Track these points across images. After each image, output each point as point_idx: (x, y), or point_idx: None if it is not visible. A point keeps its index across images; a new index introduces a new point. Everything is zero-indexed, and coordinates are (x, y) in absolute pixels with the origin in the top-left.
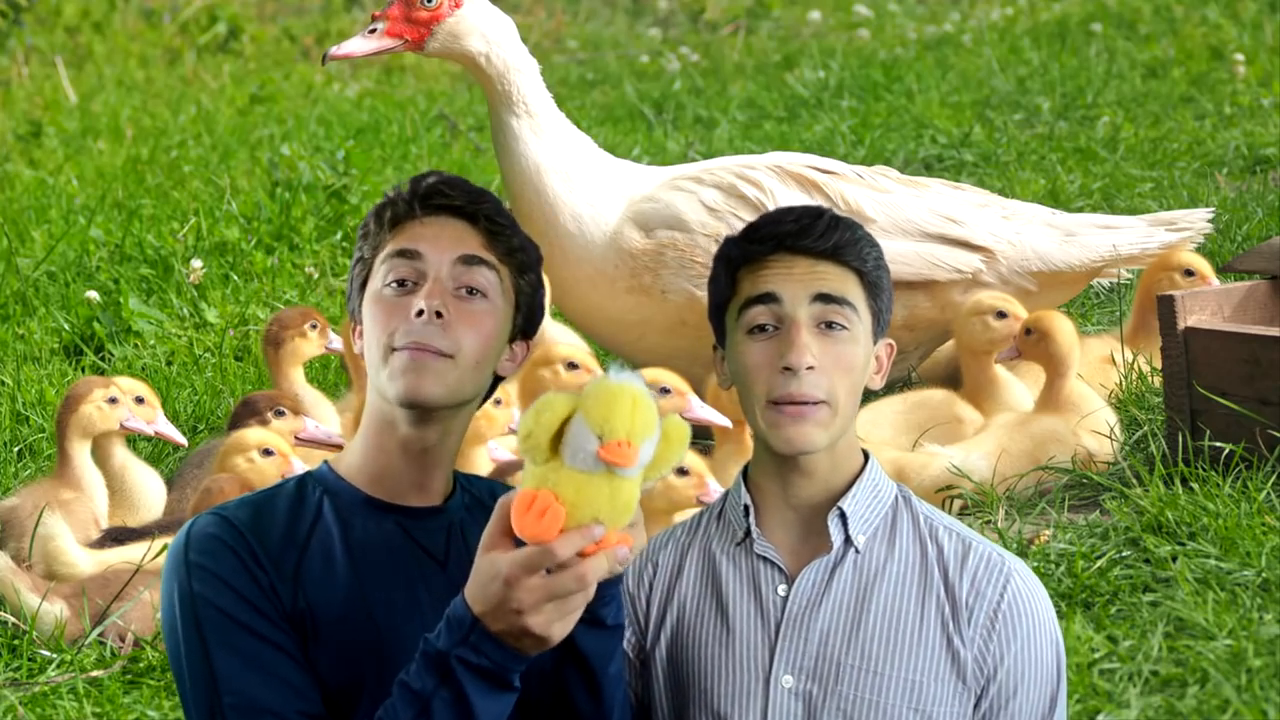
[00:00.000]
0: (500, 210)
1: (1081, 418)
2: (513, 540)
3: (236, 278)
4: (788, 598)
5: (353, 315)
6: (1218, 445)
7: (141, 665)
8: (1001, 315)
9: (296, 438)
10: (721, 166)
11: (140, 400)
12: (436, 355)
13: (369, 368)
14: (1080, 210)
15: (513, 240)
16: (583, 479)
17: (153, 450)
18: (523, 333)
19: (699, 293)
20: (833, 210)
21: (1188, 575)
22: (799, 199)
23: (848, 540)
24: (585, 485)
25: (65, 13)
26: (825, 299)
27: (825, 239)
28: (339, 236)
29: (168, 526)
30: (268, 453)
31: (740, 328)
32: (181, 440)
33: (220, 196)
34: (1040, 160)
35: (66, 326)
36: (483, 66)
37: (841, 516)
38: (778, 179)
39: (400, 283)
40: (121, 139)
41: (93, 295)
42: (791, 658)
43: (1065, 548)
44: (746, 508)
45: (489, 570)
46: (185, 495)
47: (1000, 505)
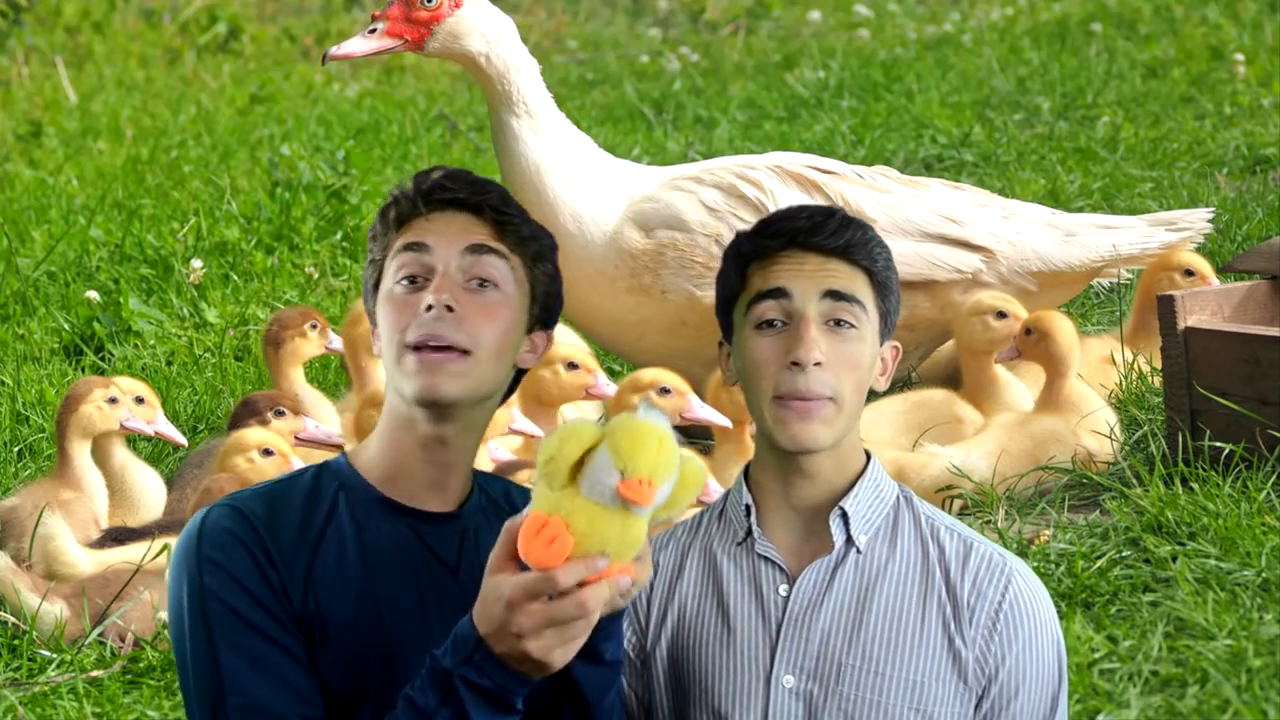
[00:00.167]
0: (506, 200)
1: (1081, 418)
2: (519, 563)
3: (236, 278)
4: (789, 598)
5: (370, 318)
6: (1218, 445)
7: (141, 665)
8: (1001, 315)
9: (296, 438)
10: (721, 166)
11: (140, 400)
12: (452, 352)
13: (385, 367)
14: (1080, 210)
15: (522, 229)
16: (596, 511)
17: (153, 450)
18: (541, 323)
19: (699, 293)
20: (845, 210)
21: (1188, 575)
22: (799, 199)
23: (849, 540)
24: (598, 517)
25: (65, 13)
26: (835, 296)
27: (837, 236)
28: (339, 236)
29: (168, 526)
30: (268, 453)
31: (749, 322)
32: (181, 440)
33: (220, 196)
34: (1040, 160)
35: (66, 326)
36: (483, 66)
37: (843, 516)
38: (778, 179)
39: (410, 279)
40: (121, 139)
41: (93, 295)
42: (792, 658)
43: (1065, 548)
44: (748, 507)
45: (493, 592)
46: (185, 495)
47: (1000, 505)
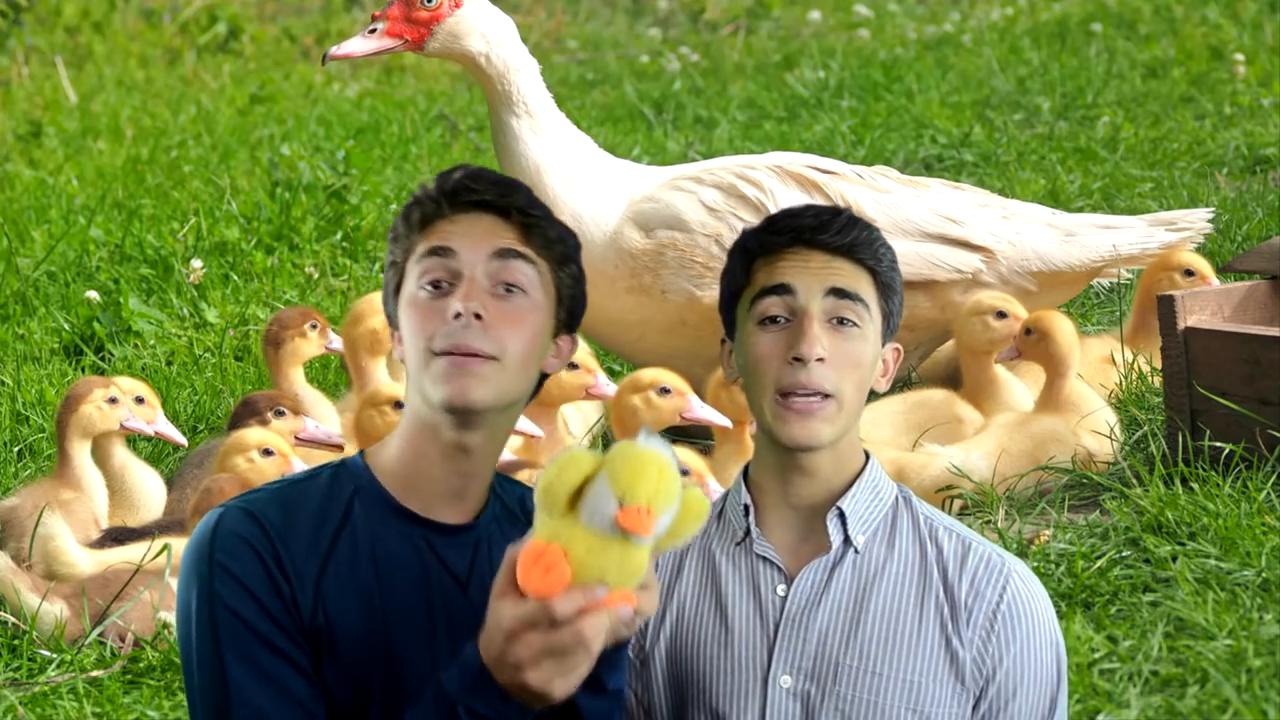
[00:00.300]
0: (533, 201)
1: (1081, 418)
2: (520, 591)
3: (236, 278)
4: (786, 598)
5: (391, 321)
6: (1218, 445)
7: (141, 665)
8: (1001, 315)
9: (296, 438)
10: (721, 166)
11: (140, 400)
12: (480, 358)
13: (409, 373)
14: (1080, 210)
15: (549, 231)
16: (595, 540)
17: (153, 450)
18: (566, 327)
19: (699, 293)
20: (851, 210)
21: (1188, 575)
22: (799, 199)
23: (847, 540)
24: (597, 546)
25: (65, 13)
26: (839, 294)
27: (843, 235)
28: (339, 236)
29: (168, 526)
30: (268, 453)
31: (752, 318)
32: (181, 440)
33: (220, 196)
34: (1040, 160)
35: (66, 326)
36: (483, 66)
37: (840, 516)
38: (778, 179)
39: (435, 284)
40: (121, 139)
41: (93, 295)
42: (790, 658)
43: (1065, 548)
44: (746, 507)
45: (494, 621)
46: (185, 495)
47: (1000, 505)
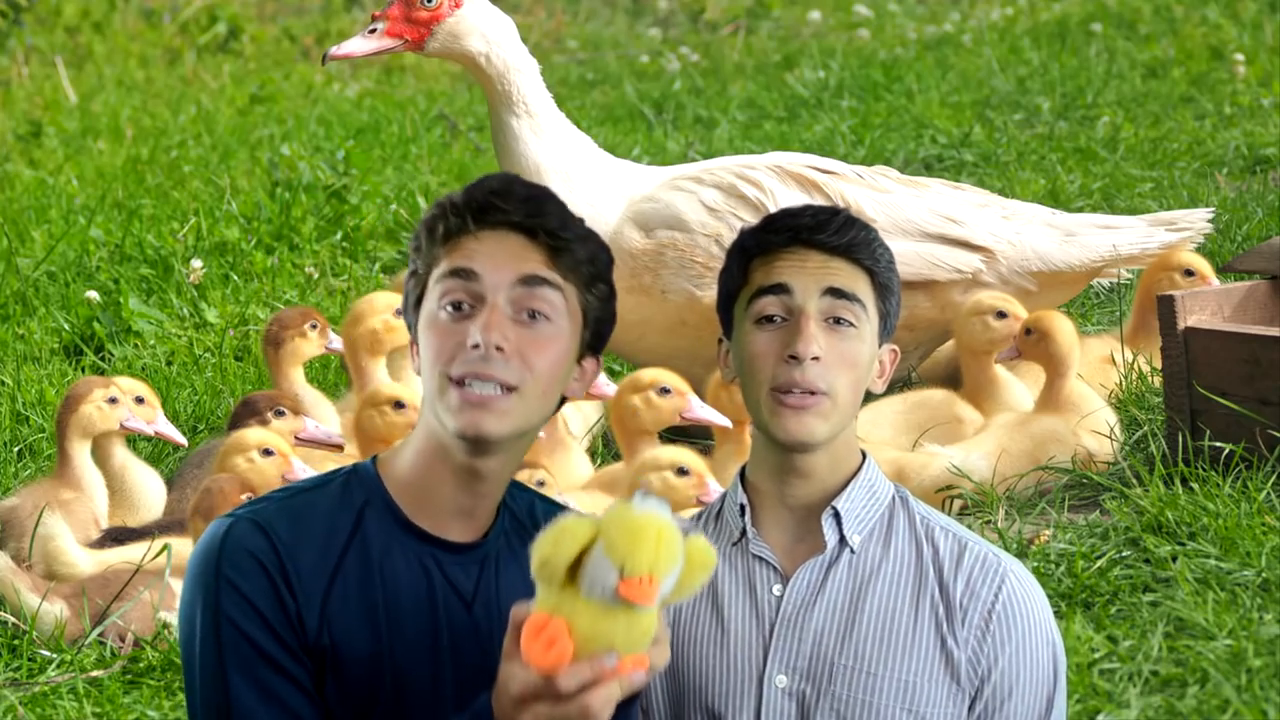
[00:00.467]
0: (564, 221)
1: (1081, 418)
2: None
3: (236, 278)
4: (782, 597)
5: (410, 330)
6: (1218, 445)
7: (141, 665)
8: (1001, 315)
9: (296, 438)
10: (721, 166)
11: (140, 400)
12: (498, 389)
13: (425, 393)
14: (1080, 210)
15: (578, 253)
16: (599, 611)
17: (153, 450)
18: (591, 349)
19: (699, 293)
20: (849, 211)
21: (1188, 575)
22: (799, 199)
23: (842, 540)
24: (601, 618)
25: (65, 13)
26: (836, 294)
27: (841, 235)
28: (339, 236)
29: (168, 526)
30: (268, 453)
31: (749, 317)
32: (181, 440)
33: (220, 196)
34: (1040, 160)
35: (66, 326)
36: (483, 66)
37: (835, 516)
38: (778, 179)
39: (456, 305)
40: (121, 139)
41: (93, 295)
42: (785, 657)
43: (1065, 548)
44: (743, 507)
45: (504, 682)
46: (185, 495)
47: (1000, 505)
